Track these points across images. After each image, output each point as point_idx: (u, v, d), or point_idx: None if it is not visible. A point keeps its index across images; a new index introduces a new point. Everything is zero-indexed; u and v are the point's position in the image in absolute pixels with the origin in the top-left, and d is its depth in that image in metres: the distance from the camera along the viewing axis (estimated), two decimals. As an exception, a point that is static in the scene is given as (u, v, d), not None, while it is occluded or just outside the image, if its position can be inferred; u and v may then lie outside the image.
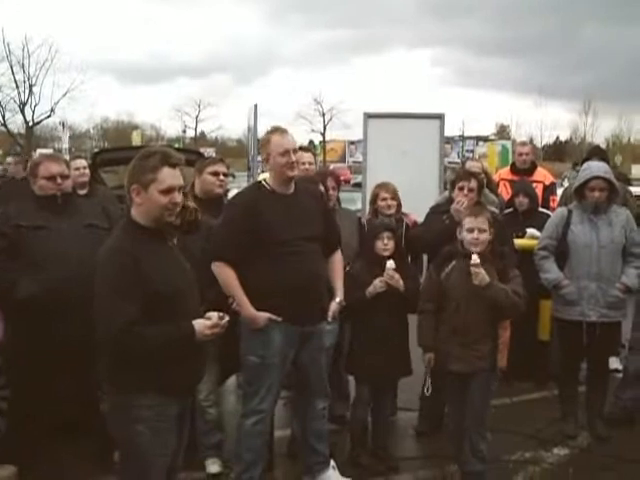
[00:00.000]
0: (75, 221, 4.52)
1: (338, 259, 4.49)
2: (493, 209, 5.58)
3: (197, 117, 65.39)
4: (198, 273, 3.34)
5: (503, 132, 61.15)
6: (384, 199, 5.48)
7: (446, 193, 5.41)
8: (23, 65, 45.10)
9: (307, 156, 5.48)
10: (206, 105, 65.10)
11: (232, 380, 5.46)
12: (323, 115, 62.24)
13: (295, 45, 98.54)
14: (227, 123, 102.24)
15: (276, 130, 4.29)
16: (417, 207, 5.58)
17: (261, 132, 9.99)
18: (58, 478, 4.52)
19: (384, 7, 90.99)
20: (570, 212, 5.37)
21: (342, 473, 4.55)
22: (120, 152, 9.44)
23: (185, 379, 3.13)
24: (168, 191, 3.02)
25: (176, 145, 34.09)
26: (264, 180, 4.34)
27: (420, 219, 5.59)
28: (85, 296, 4.22)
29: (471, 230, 4.32)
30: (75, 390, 4.54)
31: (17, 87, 45.11)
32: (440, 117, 6.60)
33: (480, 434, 4.35)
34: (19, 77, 45.06)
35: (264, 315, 4.08)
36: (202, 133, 67.64)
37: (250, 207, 4.16)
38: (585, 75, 79.77)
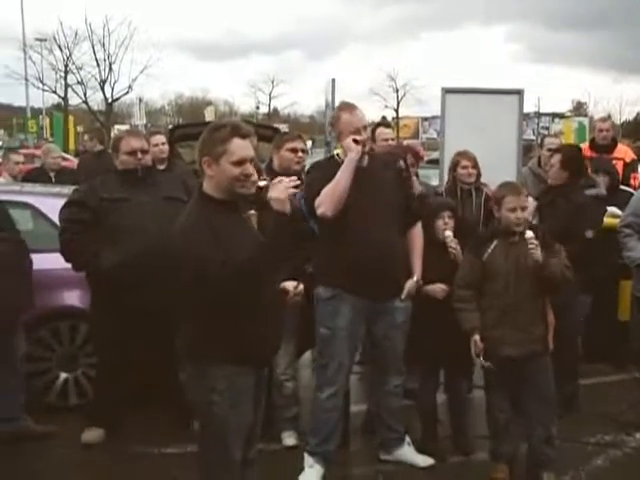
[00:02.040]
0: (155, 194, 4.65)
1: (417, 233, 4.40)
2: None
3: (270, 93, 65.73)
4: None
5: (580, 109, 59.39)
6: (465, 167, 5.37)
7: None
8: (104, 44, 46.06)
9: (388, 132, 5.69)
10: (279, 82, 65.39)
11: (308, 354, 5.53)
12: (397, 91, 61.59)
13: (368, 20, 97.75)
14: (300, 99, 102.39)
15: (345, 107, 4.27)
16: (494, 184, 5.49)
17: (336, 108, 9.98)
18: (142, 442, 4.70)
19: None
20: (657, 189, 5.22)
21: (417, 449, 4.58)
22: (196, 127, 9.55)
23: (261, 350, 3.15)
24: (240, 163, 3.01)
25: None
26: (337, 154, 4.36)
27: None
28: (164, 266, 4.36)
29: (514, 209, 4.14)
30: (155, 358, 4.67)
31: (98, 65, 46.18)
32: (519, 92, 6.43)
33: (552, 419, 4.25)
34: (100, 55, 46.11)
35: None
36: (275, 109, 67.95)
37: (327, 176, 4.14)
38: (668, 48, 76.33)
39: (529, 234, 4.07)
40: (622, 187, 6.59)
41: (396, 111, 61.97)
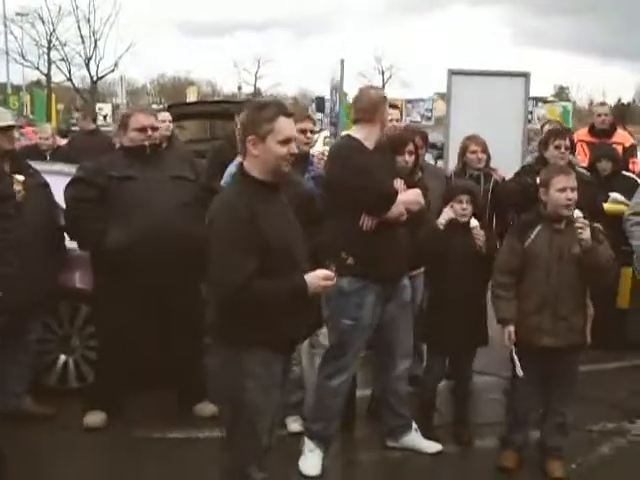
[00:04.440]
0: (162, 172, 4.58)
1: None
2: (583, 171, 5.44)
3: (256, 73, 65.21)
4: None
5: (562, 93, 59.46)
6: (474, 152, 5.27)
7: (536, 153, 5.24)
8: (89, 20, 45.26)
9: (395, 113, 5.61)
10: (265, 62, 64.87)
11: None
12: (382, 73, 61.33)
13: (356, 2, 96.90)
14: (284, 80, 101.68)
15: (381, 90, 4.42)
16: (501, 167, 5.43)
17: (324, 90, 9.85)
18: (144, 426, 4.62)
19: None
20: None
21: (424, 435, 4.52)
22: (190, 107, 9.46)
23: (294, 334, 3.14)
24: (286, 141, 2.99)
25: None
26: (350, 135, 4.29)
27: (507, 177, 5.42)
28: (171, 245, 4.32)
29: (564, 189, 4.00)
30: (159, 340, 4.62)
31: (82, 42, 45.42)
32: (525, 75, 6.37)
33: (568, 410, 4.23)
34: (84, 32, 45.35)
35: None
36: (258, 90, 67.41)
37: (357, 161, 4.11)
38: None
39: (578, 213, 4.00)
40: (625, 173, 6.55)
41: (381, 93, 61.71)
